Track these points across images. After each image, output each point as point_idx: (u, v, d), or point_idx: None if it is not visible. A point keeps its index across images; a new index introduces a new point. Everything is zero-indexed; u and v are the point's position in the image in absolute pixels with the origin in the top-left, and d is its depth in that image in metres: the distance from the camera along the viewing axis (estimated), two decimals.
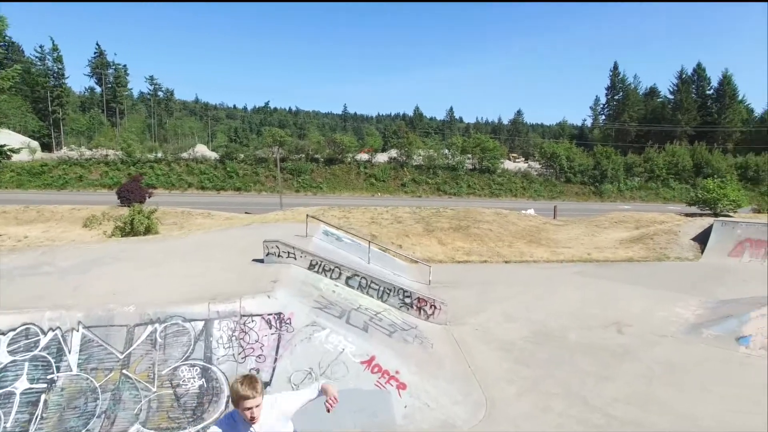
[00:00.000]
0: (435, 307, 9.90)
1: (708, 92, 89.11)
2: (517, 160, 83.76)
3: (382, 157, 51.08)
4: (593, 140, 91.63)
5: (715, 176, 37.23)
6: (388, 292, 9.75)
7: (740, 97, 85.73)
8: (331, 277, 9.68)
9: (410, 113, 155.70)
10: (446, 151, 50.67)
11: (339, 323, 7.67)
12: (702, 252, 17.60)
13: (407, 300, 9.81)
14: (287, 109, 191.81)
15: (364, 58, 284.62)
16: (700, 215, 30.36)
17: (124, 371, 6.12)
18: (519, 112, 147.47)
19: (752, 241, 16.95)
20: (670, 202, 49.20)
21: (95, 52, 79.95)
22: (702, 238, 18.44)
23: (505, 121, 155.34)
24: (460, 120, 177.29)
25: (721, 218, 19.64)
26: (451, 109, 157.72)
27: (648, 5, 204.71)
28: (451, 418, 6.55)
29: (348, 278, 9.65)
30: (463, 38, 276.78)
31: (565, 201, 47.46)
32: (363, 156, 50.00)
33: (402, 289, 9.85)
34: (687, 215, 30.25)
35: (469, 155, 49.36)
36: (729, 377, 7.56)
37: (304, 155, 48.25)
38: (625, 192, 50.46)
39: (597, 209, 37.45)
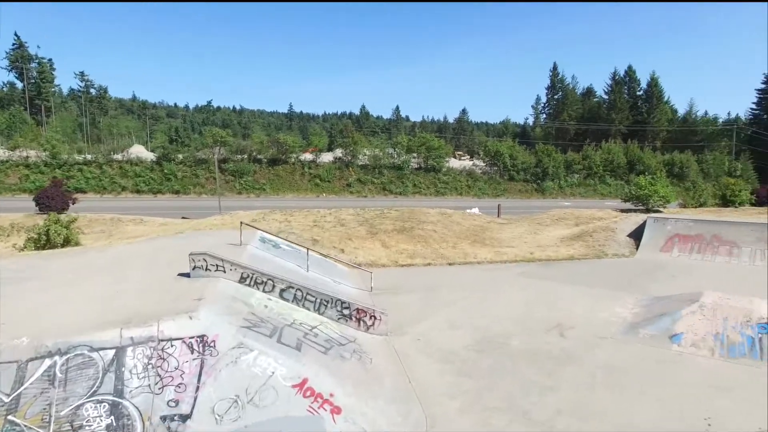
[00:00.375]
0: (375, 318, 9.53)
1: (638, 93, 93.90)
2: (462, 158, 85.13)
3: (327, 157, 50.30)
4: (535, 138, 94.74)
5: (647, 173, 39.14)
6: (326, 303, 9.27)
7: (666, 99, 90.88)
8: (264, 291, 9.08)
9: (357, 112, 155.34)
10: (391, 150, 50.49)
11: (269, 343, 7.11)
12: (637, 248, 18.22)
13: (346, 311, 9.37)
14: (231, 108, 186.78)
15: (312, 58, 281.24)
16: (634, 211, 31.75)
17: (9, 417, 5.29)
18: (464, 111, 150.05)
19: (681, 236, 17.71)
20: (607, 197, 51.37)
21: (14, 44, 74.19)
22: (637, 235, 19.12)
23: (451, 120, 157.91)
24: (407, 119, 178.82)
25: (653, 215, 20.47)
26: (398, 108, 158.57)
27: (588, 8, 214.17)
28: None
29: (282, 291, 9.08)
30: (410, 38, 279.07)
31: (508, 198, 48.52)
32: (307, 156, 49.05)
33: (340, 300, 9.40)
34: (622, 211, 31.54)
35: (415, 154, 49.46)
36: (664, 378, 7.63)
37: (246, 156, 46.71)
38: (565, 189, 52.24)
39: (539, 206, 38.43)
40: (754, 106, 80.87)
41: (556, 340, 9.24)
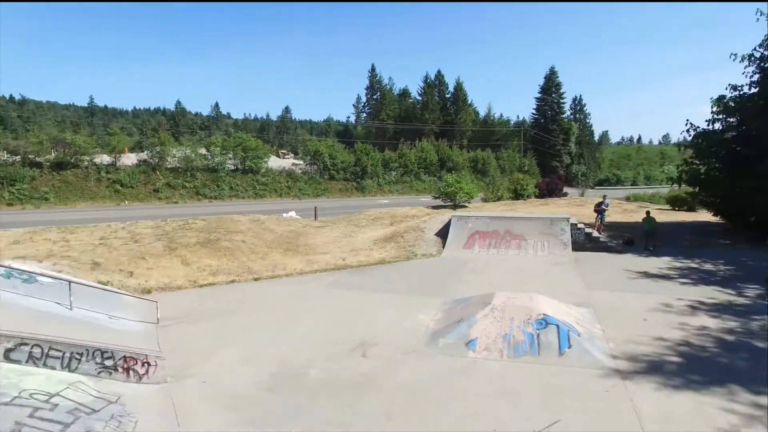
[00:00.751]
0: (149, 364, 7.90)
1: (447, 96, 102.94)
2: (286, 156, 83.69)
3: (129, 160, 44.37)
4: (357, 137, 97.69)
5: (454, 171, 42.70)
6: (79, 357, 7.34)
7: (470, 102, 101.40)
8: None
9: (172, 108, 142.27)
10: (205, 151, 46.71)
11: None
12: (443, 246, 19.18)
13: (109, 362, 7.57)
14: (6, 97, 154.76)
15: (115, 45, 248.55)
16: (444, 207, 34.25)
17: None
18: (287, 109, 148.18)
19: (480, 233, 19.14)
20: (423, 193, 54.93)
21: None
22: (443, 233, 20.15)
23: (274, 118, 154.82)
24: (228, 116, 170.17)
25: (457, 213, 21.87)
26: (217, 104, 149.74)
27: (404, 13, 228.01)
28: None
29: (9, 351, 6.89)
30: (227, 31, 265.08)
31: (329, 198, 48.72)
32: (105, 158, 42.61)
33: (99, 349, 7.54)
34: (433, 207, 33.72)
35: (231, 155, 46.52)
36: (458, 392, 7.57)
37: (19, 158, 38.66)
38: (384, 186, 54.49)
39: (358, 205, 39.05)
40: (534, 112, 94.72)
41: (358, 363, 8.72)
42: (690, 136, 24.92)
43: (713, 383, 7.70)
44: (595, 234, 19.44)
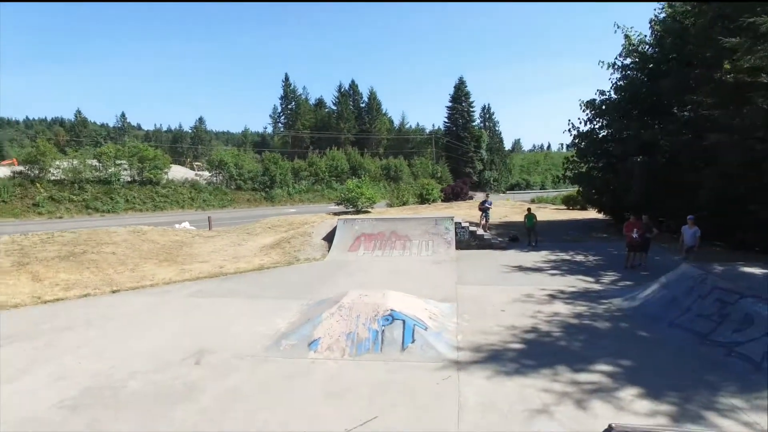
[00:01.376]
0: None
1: (362, 105, 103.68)
2: (201, 169, 80.00)
3: (0, 172, 40.14)
4: (275, 147, 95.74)
5: (356, 177, 42.56)
6: None
7: (384, 111, 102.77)
8: None
9: (72, 117, 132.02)
10: (95, 161, 43.29)
11: None
12: (329, 250, 18.73)
13: None
14: None
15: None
16: (346, 213, 33.97)
17: None
18: (201, 120, 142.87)
19: (366, 235, 18.91)
20: (334, 201, 54.47)
21: None
22: (330, 237, 19.73)
23: (188, 129, 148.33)
24: (138, 127, 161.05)
25: (343, 217, 21.51)
26: (123, 114, 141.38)
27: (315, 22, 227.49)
28: None
29: None
30: (135, 33, 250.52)
31: (236, 208, 46.93)
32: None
33: None
34: (336, 214, 33.33)
35: (126, 165, 43.46)
36: (288, 394, 7.08)
37: None
38: (294, 195, 53.40)
39: (263, 214, 37.83)
40: (446, 120, 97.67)
41: (188, 372, 7.98)
42: (571, 136, 26.47)
43: (543, 366, 7.78)
44: (480, 232, 19.86)
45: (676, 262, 13.36)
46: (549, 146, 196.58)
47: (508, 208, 39.24)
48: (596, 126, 25.32)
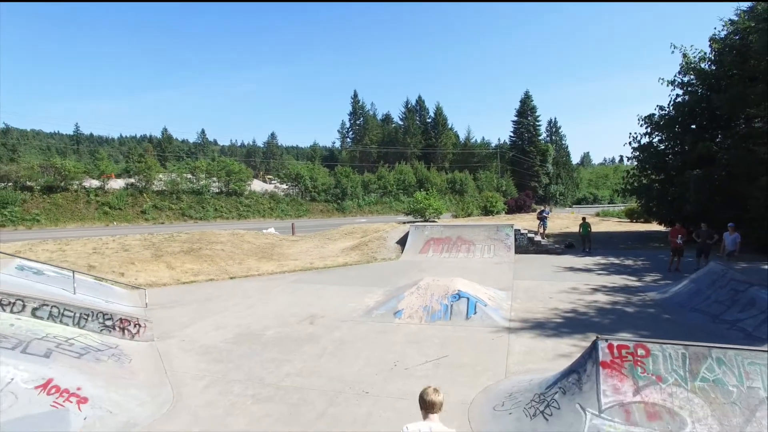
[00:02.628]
0: (140, 326, 10.12)
1: (428, 120, 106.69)
2: (272, 182, 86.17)
3: (116, 184, 46.59)
4: (342, 161, 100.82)
5: (423, 189, 45.27)
6: (86, 317, 9.55)
7: (450, 126, 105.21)
8: (11, 311, 8.99)
9: (159, 134, 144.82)
10: (190, 175, 49.09)
11: (11, 354, 7.29)
12: (402, 252, 21.53)
13: (108, 322, 9.78)
14: None
15: (99, 73, 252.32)
16: (413, 222, 36.80)
17: None
18: (273, 135, 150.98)
19: (434, 239, 21.55)
20: (401, 213, 57.51)
21: None
22: (403, 241, 22.54)
23: (261, 144, 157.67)
24: (215, 143, 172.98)
25: (415, 223, 24.27)
26: (203, 131, 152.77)
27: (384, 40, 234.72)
28: (133, 418, 6.96)
29: (35, 309, 9.09)
30: (212, 58, 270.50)
31: (310, 218, 51.11)
32: (94, 182, 44.83)
33: (102, 312, 9.77)
34: (404, 223, 36.26)
35: (215, 178, 48.95)
36: (378, 343, 9.83)
37: (11, 183, 40.75)
38: (363, 207, 57.07)
39: (336, 224, 41.41)
40: (511, 134, 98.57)
41: (305, 328, 10.97)
42: (631, 148, 27.86)
43: (575, 333, 10.06)
44: (537, 238, 21.93)
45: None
46: (621, 159, 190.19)
47: (570, 220, 40.44)
48: (655, 140, 26.61)
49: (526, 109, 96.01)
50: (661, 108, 26.42)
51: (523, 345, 9.44)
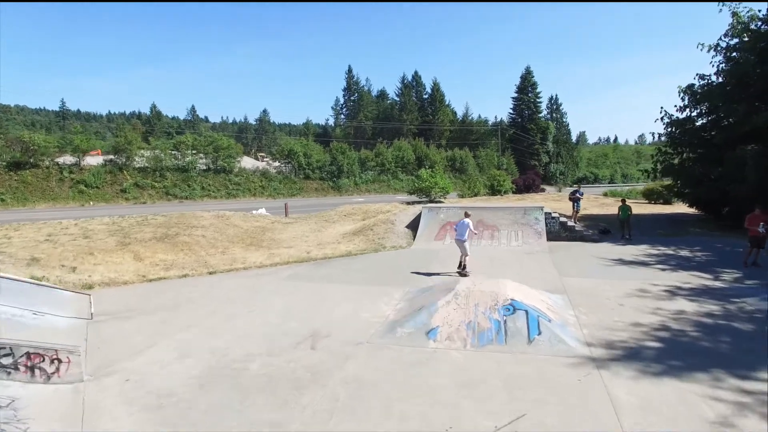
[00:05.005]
0: (60, 361, 6.84)
1: (425, 96, 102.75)
2: (264, 159, 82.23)
3: (94, 160, 42.64)
4: (336, 138, 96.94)
5: (427, 167, 41.96)
6: None
7: (447, 102, 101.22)
8: None
9: (147, 111, 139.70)
10: (175, 151, 45.21)
11: None
12: (414, 238, 18.30)
13: (6, 360, 6.49)
14: None
15: (86, 49, 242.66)
16: (419, 202, 33.50)
17: None
18: (265, 112, 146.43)
19: (452, 224, 18.27)
20: (400, 191, 54.08)
21: None
22: (414, 225, 19.29)
23: (252, 121, 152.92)
24: (206, 120, 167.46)
25: (428, 205, 20.99)
26: (193, 107, 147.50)
27: (374, 15, 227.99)
28: None
29: None
30: (201, 34, 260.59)
31: (304, 197, 47.61)
32: (68, 159, 40.86)
33: None
34: (408, 203, 32.96)
35: (202, 155, 45.11)
36: (414, 385, 6.64)
37: None
38: (360, 185, 53.57)
39: (333, 203, 38.12)
40: (511, 111, 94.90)
41: (305, 355, 7.75)
42: (664, 124, 24.62)
43: (695, 369, 6.93)
44: (570, 223, 18.78)
45: None
46: (616, 139, 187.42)
47: (584, 201, 37.37)
48: (694, 114, 23.39)
49: (526, 86, 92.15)
50: (702, 77, 23.15)
51: (629, 392, 6.29)
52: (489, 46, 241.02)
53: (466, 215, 13.78)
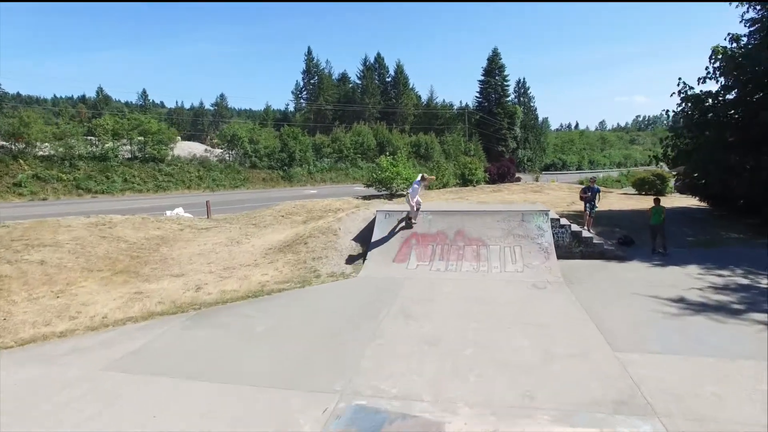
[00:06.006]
0: None
1: (387, 79, 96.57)
2: (220, 147, 74.21)
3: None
4: (296, 124, 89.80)
5: (388, 153, 35.99)
6: None
7: (411, 85, 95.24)
8: None
9: (94, 95, 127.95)
10: (91, 136, 37.55)
11: None
12: (364, 259, 12.40)
13: None
14: None
15: (27, 30, 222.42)
16: (377, 197, 27.60)
17: None
18: (222, 97, 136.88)
19: (419, 236, 12.50)
20: (359, 181, 48.10)
21: None
22: (365, 235, 13.40)
23: (209, 106, 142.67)
24: (162, 105, 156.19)
25: (385, 207, 14.97)
26: (144, 91, 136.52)
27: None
28: None
29: None
30: (160, 17, 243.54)
31: (250, 189, 40.90)
32: None
33: None
34: (365, 198, 27.06)
35: (125, 140, 37.57)
36: None
37: None
38: (315, 174, 47.08)
39: (280, 197, 31.84)
40: (478, 95, 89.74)
41: None
42: (680, 98, 19.44)
43: None
44: (586, 233, 13.29)
45: None
46: (577, 125, 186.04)
47: (565, 192, 32.28)
48: (726, 82, 18.23)
49: (494, 68, 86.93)
50: (735, 38, 18.03)
51: None
52: (455, 28, 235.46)
53: (423, 178, 13.44)
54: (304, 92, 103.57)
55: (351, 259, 12.51)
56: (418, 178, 13.62)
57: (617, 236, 14.73)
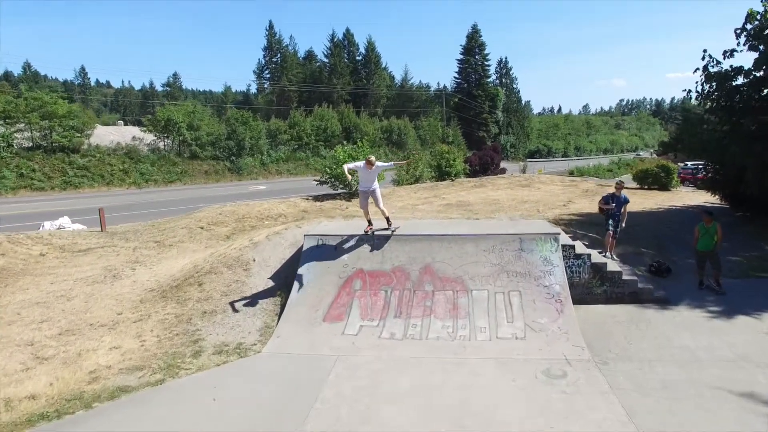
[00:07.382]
0: None
1: (358, 58, 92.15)
2: (152, 132, 68.65)
3: None
4: (259, 106, 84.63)
5: (351, 141, 31.84)
6: None
7: (383, 65, 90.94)
8: None
9: (19, 71, 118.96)
10: None
11: None
12: (279, 317, 8.45)
13: None
14: None
15: None
16: (335, 196, 23.62)
17: None
18: (176, 76, 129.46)
19: (365, 275, 8.62)
20: (317, 178, 44.02)
21: None
22: (290, 271, 9.47)
23: (159, 87, 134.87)
24: (108, 84, 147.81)
25: (313, 231, 10.78)
26: (83, 68, 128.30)
27: None
28: None
29: None
30: None
31: (188, 184, 36.28)
32: None
33: None
34: (317, 198, 23.05)
35: (22, 125, 32.25)
36: None
37: None
38: (269, 165, 42.52)
39: (217, 195, 27.61)
40: (456, 75, 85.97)
41: None
42: (702, 75, 16.05)
43: None
44: (610, 262, 9.58)
45: None
46: (560, 109, 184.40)
47: (558, 186, 28.76)
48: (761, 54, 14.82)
49: (473, 46, 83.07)
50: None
51: None
52: (429, 7, 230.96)
53: (369, 162, 9.74)
54: (267, 72, 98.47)
55: (262, 313, 8.57)
56: (361, 163, 10.22)
57: (646, 261, 11.14)
